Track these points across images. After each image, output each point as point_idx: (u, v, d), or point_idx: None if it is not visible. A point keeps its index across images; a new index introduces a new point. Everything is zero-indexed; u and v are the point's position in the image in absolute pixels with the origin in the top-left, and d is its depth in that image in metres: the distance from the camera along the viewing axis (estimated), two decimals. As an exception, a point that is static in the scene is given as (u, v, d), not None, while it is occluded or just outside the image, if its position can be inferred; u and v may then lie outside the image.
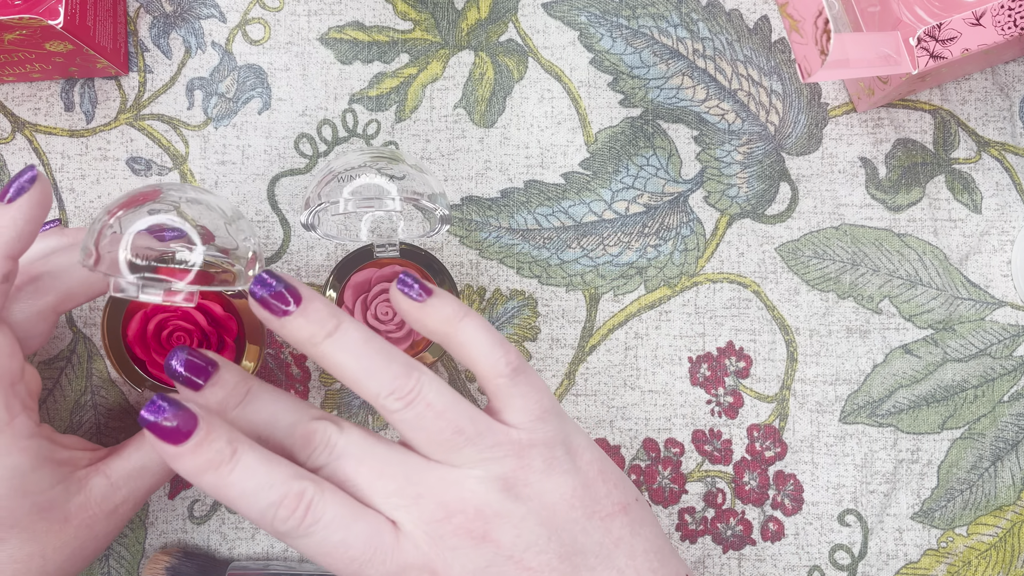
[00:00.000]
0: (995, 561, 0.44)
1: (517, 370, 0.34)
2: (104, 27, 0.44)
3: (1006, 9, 0.38)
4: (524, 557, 0.32)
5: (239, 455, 0.31)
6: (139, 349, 0.41)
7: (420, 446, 0.33)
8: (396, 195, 0.39)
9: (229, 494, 0.31)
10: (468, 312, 0.35)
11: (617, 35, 0.47)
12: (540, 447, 0.33)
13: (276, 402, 0.34)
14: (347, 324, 0.33)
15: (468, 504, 0.32)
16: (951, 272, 0.45)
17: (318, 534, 0.31)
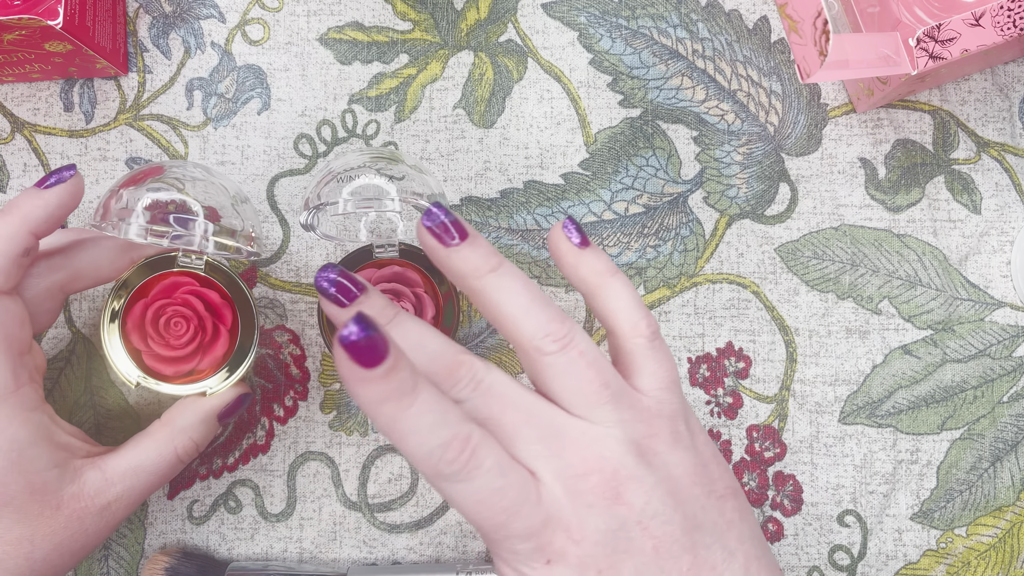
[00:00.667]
0: (994, 562, 0.44)
1: (655, 335, 0.35)
2: (103, 27, 0.44)
3: (1005, 10, 0.38)
4: (651, 525, 0.32)
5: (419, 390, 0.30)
6: (136, 337, 0.41)
7: (564, 395, 0.33)
8: (395, 195, 0.39)
9: (402, 427, 0.30)
10: (618, 271, 0.36)
11: (617, 35, 0.47)
12: (667, 418, 0.34)
13: (423, 329, 0.34)
14: (508, 264, 0.34)
15: (607, 463, 0.32)
16: (950, 273, 0.45)
17: (478, 480, 0.30)
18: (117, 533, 0.45)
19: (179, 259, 0.41)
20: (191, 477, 0.45)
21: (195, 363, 0.41)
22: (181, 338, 0.41)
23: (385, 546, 0.45)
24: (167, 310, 0.41)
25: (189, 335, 0.40)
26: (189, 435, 0.39)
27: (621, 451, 0.32)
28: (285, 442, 0.45)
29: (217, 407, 0.40)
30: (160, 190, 0.37)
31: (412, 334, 0.34)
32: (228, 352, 0.41)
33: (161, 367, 0.41)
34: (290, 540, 0.45)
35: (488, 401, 0.33)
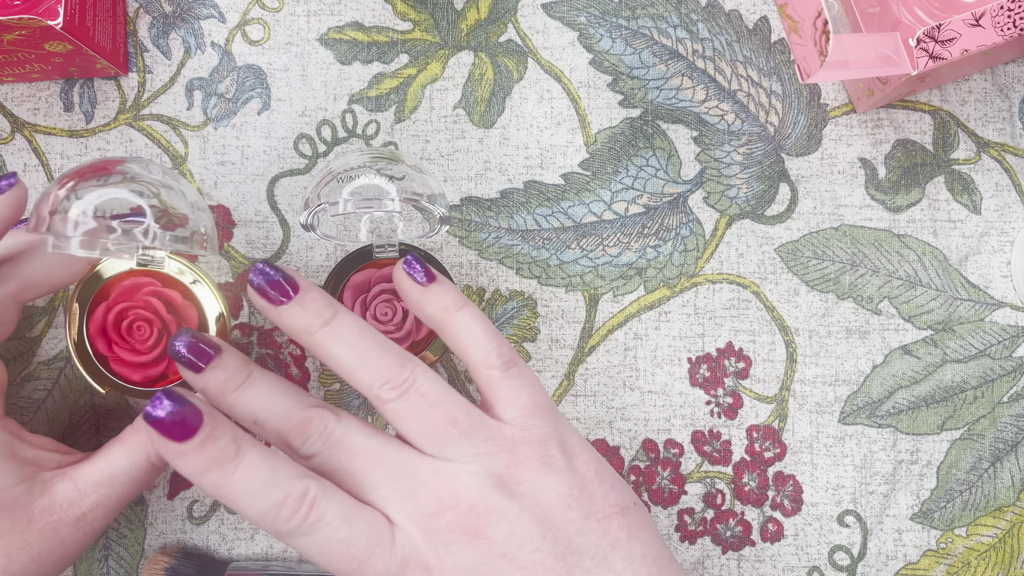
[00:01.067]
0: (994, 562, 0.44)
1: (509, 363, 0.34)
2: (103, 27, 0.44)
3: (1005, 10, 0.38)
4: (518, 555, 0.31)
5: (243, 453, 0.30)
6: (101, 343, 0.39)
7: (413, 438, 0.33)
8: (395, 195, 0.39)
9: (231, 493, 0.30)
10: (467, 303, 0.35)
11: (617, 36, 0.47)
12: (534, 444, 0.33)
13: (275, 388, 0.33)
14: (343, 315, 0.33)
15: (462, 499, 0.31)
16: (950, 273, 0.45)
17: (320, 533, 0.30)
18: (117, 533, 0.45)
19: (138, 258, 0.38)
20: (191, 477, 0.45)
21: (163, 367, 0.40)
22: (146, 342, 0.39)
23: (385, 546, 0.45)
24: (129, 313, 0.39)
25: (154, 339, 0.39)
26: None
27: (477, 484, 0.32)
28: (285, 442, 0.45)
29: None
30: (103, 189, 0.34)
31: (262, 395, 0.33)
32: None
33: (129, 373, 0.40)
34: (290, 540, 0.45)
35: (338, 452, 0.32)
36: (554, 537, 0.32)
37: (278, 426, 0.33)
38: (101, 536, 0.39)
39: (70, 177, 0.35)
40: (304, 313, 0.33)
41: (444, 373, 0.45)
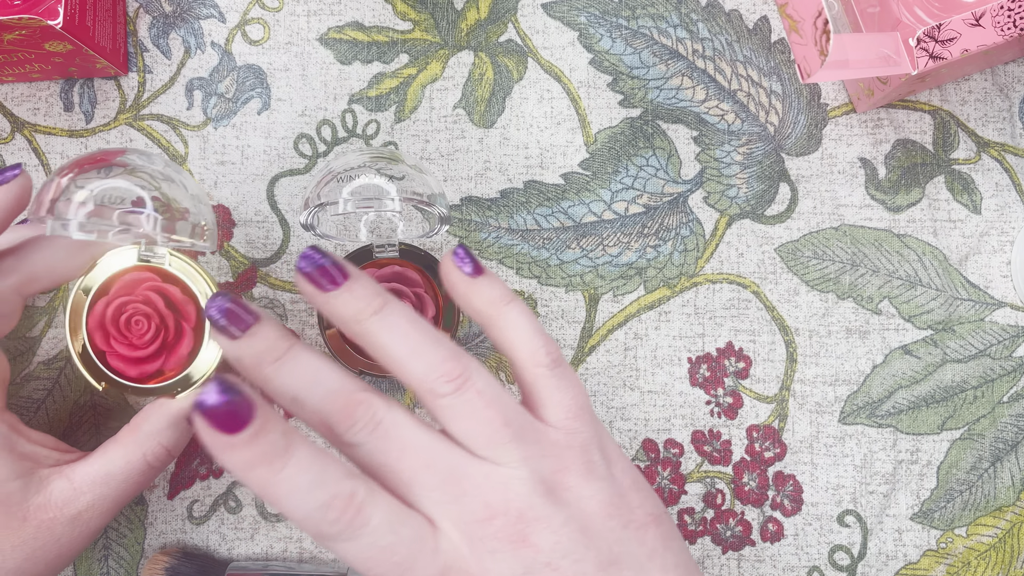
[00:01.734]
0: (995, 562, 0.44)
1: (557, 361, 0.33)
2: (103, 27, 0.44)
3: (1005, 10, 0.38)
4: (561, 564, 0.30)
5: (292, 449, 0.28)
6: (100, 338, 0.39)
7: (464, 437, 0.31)
8: (395, 195, 0.39)
9: (277, 492, 0.28)
10: (515, 298, 0.34)
11: (617, 35, 0.47)
12: (578, 449, 0.32)
13: (319, 365, 0.31)
14: (394, 304, 0.32)
15: (511, 506, 0.30)
16: (951, 273, 0.45)
17: (365, 538, 0.29)
18: (117, 533, 0.45)
19: (140, 253, 0.38)
20: (191, 477, 0.45)
21: (160, 363, 0.40)
22: (143, 337, 0.39)
23: (385, 546, 0.45)
24: (128, 308, 0.39)
25: (151, 334, 0.39)
26: (158, 440, 0.37)
27: (526, 491, 0.30)
28: (285, 442, 0.45)
29: (185, 410, 0.38)
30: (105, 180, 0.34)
31: (307, 370, 0.31)
32: (194, 351, 0.40)
33: (126, 368, 0.39)
34: (290, 540, 0.45)
35: (386, 445, 0.30)
36: (596, 547, 0.31)
37: (321, 407, 0.31)
38: (99, 536, 0.39)
39: (71, 167, 0.35)
40: (354, 300, 0.31)
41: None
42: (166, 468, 0.39)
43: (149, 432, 0.37)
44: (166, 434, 0.38)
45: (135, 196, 0.34)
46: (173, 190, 0.36)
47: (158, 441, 0.37)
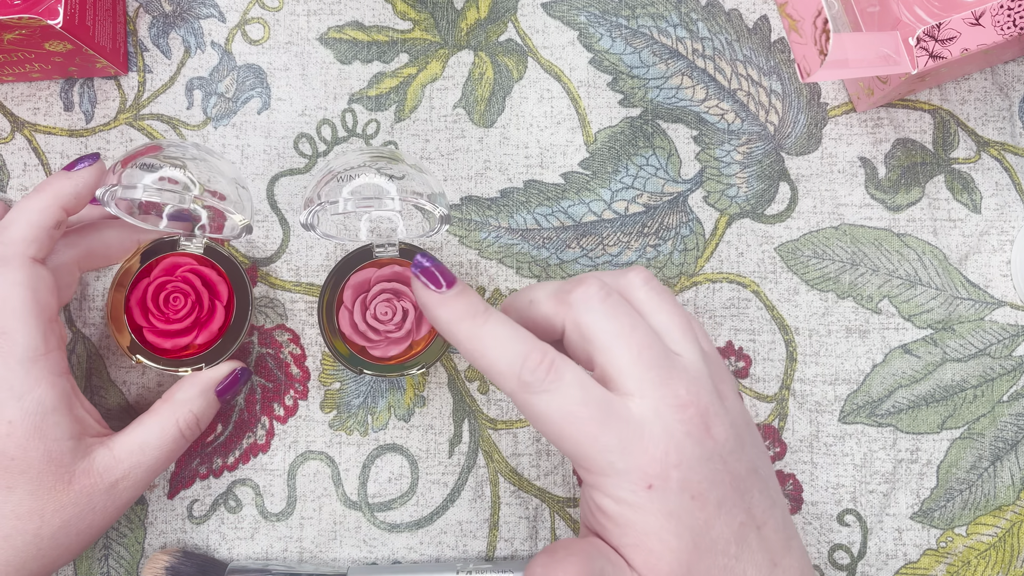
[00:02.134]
0: (994, 561, 0.44)
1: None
2: (103, 27, 0.44)
3: (1005, 9, 0.38)
4: (729, 459, 0.34)
5: (491, 311, 0.34)
6: (139, 313, 0.42)
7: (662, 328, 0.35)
8: (395, 195, 0.39)
9: (482, 343, 0.33)
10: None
11: (616, 35, 0.47)
12: (725, 371, 0.36)
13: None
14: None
15: (701, 399, 0.33)
16: (950, 272, 0.45)
17: (561, 391, 0.32)
18: (117, 532, 0.45)
19: (180, 242, 0.43)
20: (191, 477, 0.45)
21: (192, 337, 0.42)
22: (179, 312, 0.42)
23: (385, 545, 0.45)
24: (167, 287, 0.42)
25: (187, 309, 0.42)
26: (189, 407, 0.40)
27: (710, 389, 0.34)
28: (285, 441, 0.45)
29: (215, 379, 0.42)
30: (152, 167, 0.39)
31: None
32: (224, 326, 0.43)
33: (161, 341, 0.42)
34: (290, 539, 0.45)
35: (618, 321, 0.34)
36: (747, 454, 0.34)
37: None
38: (128, 508, 0.40)
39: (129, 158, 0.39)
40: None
41: (445, 373, 0.45)
42: (195, 439, 0.42)
43: (182, 400, 0.41)
44: (197, 402, 0.41)
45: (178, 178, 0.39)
46: (214, 173, 0.40)
47: (189, 409, 0.40)
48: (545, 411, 0.33)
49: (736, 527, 0.33)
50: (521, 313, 0.36)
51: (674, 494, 0.32)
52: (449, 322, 0.34)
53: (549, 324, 0.35)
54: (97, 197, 0.40)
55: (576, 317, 0.34)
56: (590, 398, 0.32)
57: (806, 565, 0.35)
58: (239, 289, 0.43)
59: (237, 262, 0.43)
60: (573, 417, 0.32)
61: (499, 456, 0.45)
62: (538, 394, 0.33)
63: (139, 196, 0.39)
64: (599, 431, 0.32)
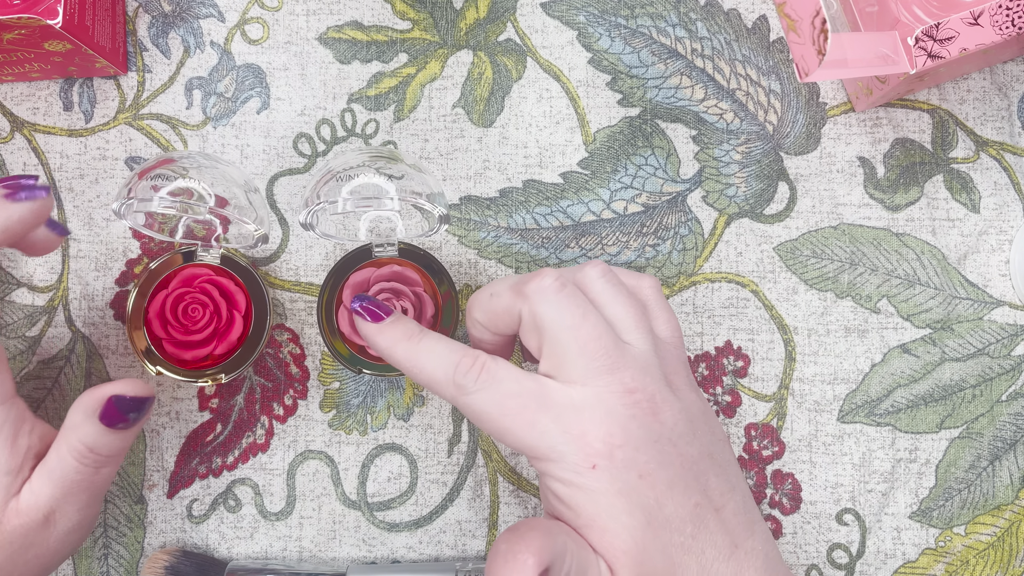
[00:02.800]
0: (993, 560, 0.44)
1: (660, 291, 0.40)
2: (103, 27, 0.44)
3: (1004, 9, 0.38)
4: (679, 443, 0.35)
5: (424, 332, 0.36)
6: (158, 325, 0.43)
7: (615, 319, 0.36)
8: (395, 195, 0.39)
9: (419, 358, 0.36)
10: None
11: (615, 35, 0.47)
12: (682, 362, 0.38)
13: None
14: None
15: (648, 385, 0.35)
16: (949, 272, 0.45)
17: (494, 385, 0.34)
18: (117, 532, 0.45)
19: (197, 253, 0.44)
20: (191, 476, 0.45)
21: (211, 348, 0.43)
22: (198, 323, 0.43)
23: (384, 545, 0.45)
24: (186, 298, 0.43)
25: (205, 320, 0.43)
26: (76, 436, 0.36)
27: (659, 376, 0.35)
28: (285, 441, 0.45)
29: (95, 400, 0.36)
30: (167, 177, 0.39)
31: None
32: (243, 336, 0.43)
33: (180, 352, 0.43)
34: (289, 539, 0.45)
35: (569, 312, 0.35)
36: (699, 439, 0.35)
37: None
38: (82, 542, 0.38)
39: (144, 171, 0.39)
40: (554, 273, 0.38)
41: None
42: (112, 464, 0.37)
43: (68, 426, 0.36)
44: (84, 429, 0.36)
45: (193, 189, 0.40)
46: (227, 183, 0.40)
47: (77, 437, 0.36)
48: (481, 408, 0.34)
49: (691, 507, 0.34)
50: (484, 307, 0.38)
51: (620, 472, 0.33)
52: (388, 346, 0.36)
53: (509, 315, 0.37)
54: (113, 211, 0.39)
55: (531, 307, 0.35)
56: (523, 389, 0.34)
57: (771, 548, 0.36)
58: (257, 298, 0.44)
59: (254, 271, 0.44)
60: (507, 409, 0.34)
61: (498, 455, 0.45)
62: (472, 394, 0.34)
63: (155, 208, 0.39)
64: (535, 417, 0.34)
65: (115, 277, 0.46)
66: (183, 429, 0.45)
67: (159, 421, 0.45)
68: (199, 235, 0.44)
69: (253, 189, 0.42)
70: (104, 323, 0.46)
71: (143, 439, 0.45)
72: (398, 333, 0.37)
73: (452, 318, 0.43)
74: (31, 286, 0.46)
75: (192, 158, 0.40)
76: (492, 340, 0.39)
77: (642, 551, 0.33)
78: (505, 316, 0.37)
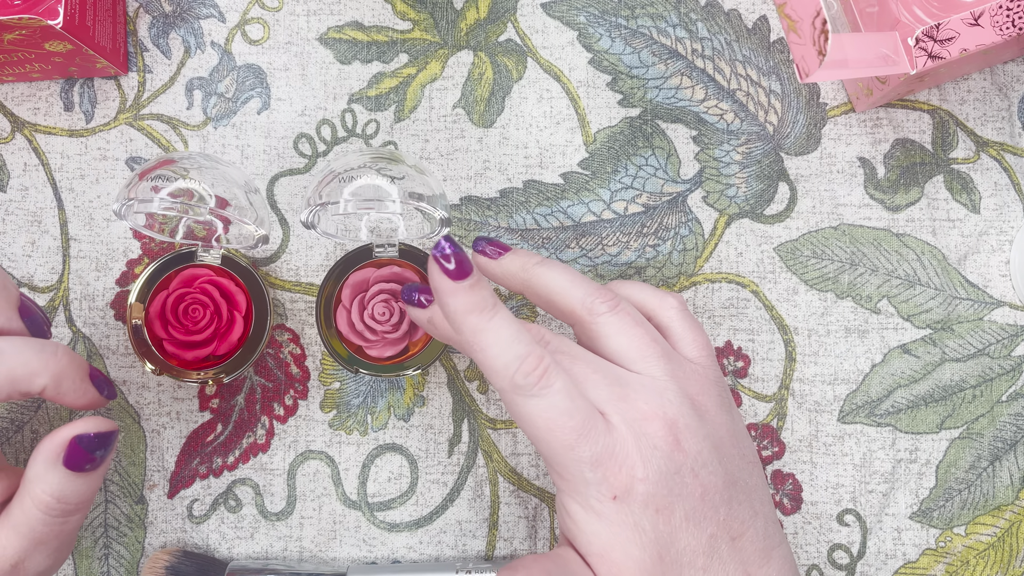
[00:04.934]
0: (993, 560, 0.44)
1: (685, 306, 0.39)
2: (103, 27, 0.44)
3: (1004, 9, 0.38)
4: (701, 473, 0.34)
5: (498, 307, 0.34)
6: (159, 326, 0.43)
7: (620, 352, 0.36)
8: (396, 196, 0.39)
9: (485, 339, 0.33)
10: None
11: (616, 35, 0.47)
12: (713, 382, 0.37)
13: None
14: (550, 259, 0.38)
15: (667, 412, 0.34)
16: (949, 272, 0.45)
17: (550, 397, 0.33)
18: (117, 532, 0.45)
19: (198, 254, 0.44)
20: (191, 476, 0.45)
21: (212, 348, 0.43)
22: (199, 323, 0.43)
23: (385, 545, 0.45)
24: (186, 298, 0.43)
25: (206, 320, 0.43)
26: (39, 487, 0.34)
27: (678, 402, 0.35)
28: (285, 441, 0.45)
29: (52, 451, 0.34)
30: (168, 178, 0.39)
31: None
32: (243, 337, 0.43)
33: (181, 353, 0.43)
34: (290, 539, 0.45)
35: (557, 358, 0.35)
36: (724, 466, 0.35)
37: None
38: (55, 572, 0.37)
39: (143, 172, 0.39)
40: (518, 257, 0.38)
41: (444, 373, 0.45)
42: (80, 513, 0.35)
43: (30, 478, 0.34)
44: (47, 479, 0.34)
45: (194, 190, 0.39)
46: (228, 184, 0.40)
47: (40, 488, 0.34)
48: (530, 415, 0.33)
49: (705, 539, 0.34)
50: (546, 284, 0.38)
51: (638, 507, 0.33)
52: (457, 312, 0.33)
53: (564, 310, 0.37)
54: (114, 211, 0.39)
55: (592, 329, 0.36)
56: (575, 409, 0.33)
57: (788, 573, 0.35)
58: (257, 299, 0.44)
59: (255, 272, 0.44)
60: (555, 424, 0.33)
61: (498, 456, 0.45)
62: (527, 397, 0.33)
63: (156, 209, 0.39)
64: (576, 442, 0.33)
65: (115, 277, 0.46)
66: (184, 429, 0.45)
67: (160, 421, 0.45)
68: (199, 236, 0.44)
69: (253, 189, 0.42)
70: (104, 323, 0.46)
71: (143, 439, 0.45)
72: (473, 301, 0.33)
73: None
74: (31, 286, 0.46)
75: (192, 159, 0.40)
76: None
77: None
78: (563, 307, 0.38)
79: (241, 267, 0.44)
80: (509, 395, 0.33)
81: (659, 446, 0.33)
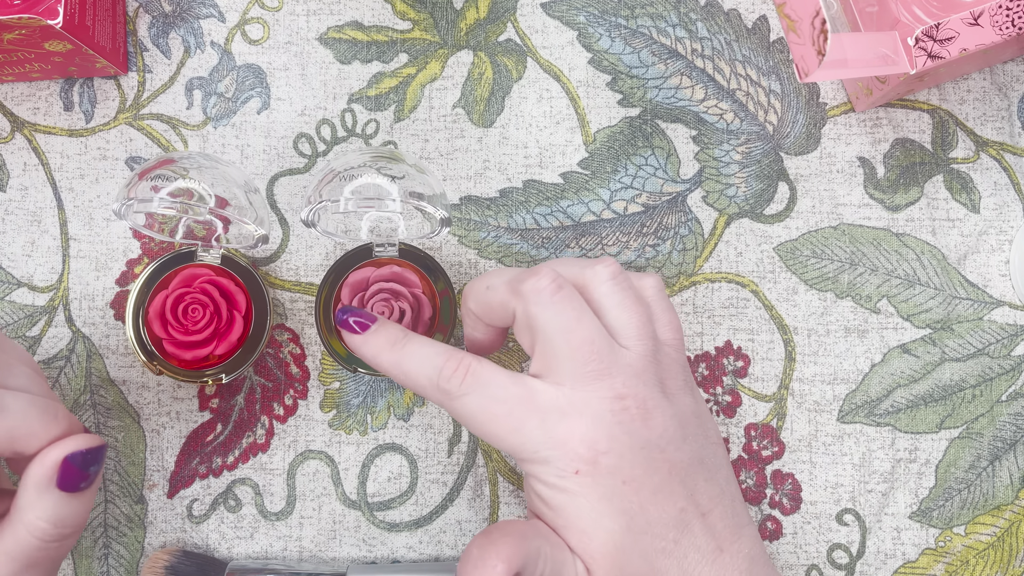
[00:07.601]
0: (993, 560, 0.44)
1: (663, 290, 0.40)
2: (103, 27, 0.44)
3: (1004, 9, 0.38)
4: (667, 449, 0.35)
5: (410, 336, 0.37)
6: (158, 325, 0.43)
7: (618, 325, 0.36)
8: (396, 195, 0.39)
9: (405, 363, 0.36)
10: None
11: (616, 35, 0.47)
12: (679, 365, 0.38)
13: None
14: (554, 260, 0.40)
15: (640, 391, 0.35)
16: (949, 272, 0.45)
17: (478, 391, 0.35)
18: (117, 532, 0.45)
19: (197, 253, 0.44)
20: (191, 476, 0.45)
21: (211, 348, 0.43)
22: (198, 323, 0.43)
23: (384, 544, 0.45)
24: (186, 298, 0.43)
25: (205, 320, 0.43)
26: (33, 515, 0.32)
27: (652, 380, 0.36)
28: (285, 441, 0.45)
29: (46, 475, 0.32)
30: (168, 178, 0.39)
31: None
32: (243, 337, 0.43)
33: (181, 352, 0.43)
34: (290, 539, 0.45)
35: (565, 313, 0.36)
36: (689, 444, 0.36)
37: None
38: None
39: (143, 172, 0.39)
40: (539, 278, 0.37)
41: (443, 372, 0.45)
42: (73, 536, 0.34)
43: (22, 506, 0.33)
44: (41, 505, 0.32)
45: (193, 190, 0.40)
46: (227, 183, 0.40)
47: (34, 516, 0.32)
48: (467, 412, 0.35)
49: (675, 513, 0.34)
50: (479, 298, 0.38)
51: (603, 478, 0.34)
52: (374, 355, 0.37)
53: (503, 310, 0.37)
54: (113, 211, 0.39)
55: (525, 307, 0.36)
56: (508, 394, 0.34)
57: (758, 551, 0.36)
58: (257, 299, 0.44)
59: (255, 271, 0.44)
60: (492, 413, 0.34)
61: (498, 455, 0.45)
62: (458, 398, 0.35)
63: (155, 209, 0.39)
64: (520, 422, 0.34)
65: (115, 277, 0.46)
66: (183, 429, 0.45)
67: (159, 421, 0.45)
68: (199, 235, 0.44)
69: (253, 189, 0.42)
70: (104, 323, 0.46)
71: (143, 439, 0.45)
72: (382, 341, 0.37)
73: (450, 319, 0.43)
74: (31, 286, 0.46)
75: (192, 158, 0.40)
76: (485, 331, 0.39)
77: (621, 554, 0.34)
78: (500, 310, 0.37)
79: (241, 267, 0.44)
80: (444, 404, 0.35)
81: (625, 422, 0.34)
